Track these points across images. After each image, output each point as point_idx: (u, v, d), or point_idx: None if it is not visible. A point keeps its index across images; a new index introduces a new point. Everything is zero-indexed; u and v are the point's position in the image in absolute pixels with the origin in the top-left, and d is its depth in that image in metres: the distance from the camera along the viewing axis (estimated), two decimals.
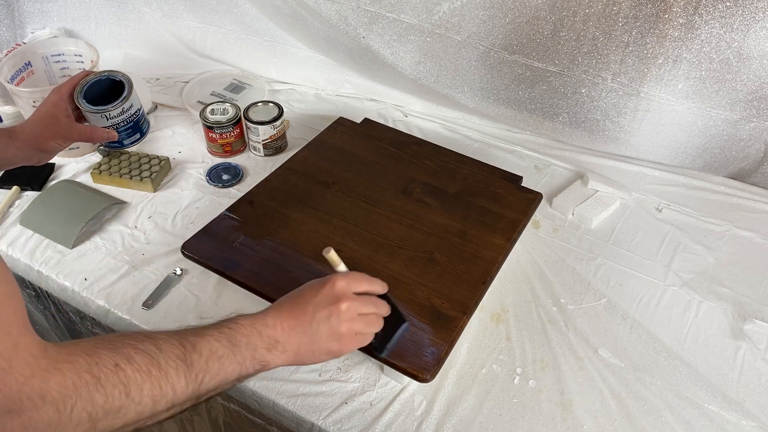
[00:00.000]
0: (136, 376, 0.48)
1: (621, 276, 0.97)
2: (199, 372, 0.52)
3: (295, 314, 0.62)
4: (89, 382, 0.45)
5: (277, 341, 0.60)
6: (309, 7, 1.16)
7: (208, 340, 0.54)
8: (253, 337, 0.58)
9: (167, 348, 0.51)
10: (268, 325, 0.60)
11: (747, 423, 0.78)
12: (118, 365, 0.47)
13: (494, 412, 0.79)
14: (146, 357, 0.49)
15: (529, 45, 1.07)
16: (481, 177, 1.06)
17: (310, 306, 0.63)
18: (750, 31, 0.91)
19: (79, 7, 1.39)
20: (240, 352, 0.56)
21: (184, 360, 0.51)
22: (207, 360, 0.53)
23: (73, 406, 0.44)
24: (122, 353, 0.48)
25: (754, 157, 1.10)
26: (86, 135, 0.84)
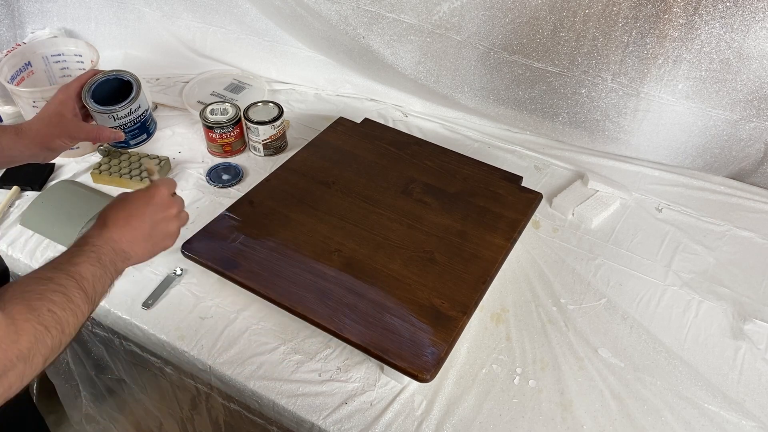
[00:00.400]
0: (63, 314, 0.56)
1: (621, 276, 0.97)
2: (92, 294, 0.61)
3: (133, 225, 0.70)
4: (42, 331, 0.53)
5: (126, 251, 0.68)
6: (309, 7, 1.16)
7: (86, 267, 0.62)
8: (111, 255, 0.66)
9: (67, 283, 0.58)
10: (116, 240, 0.67)
11: (747, 423, 0.78)
12: (50, 310, 0.54)
13: (494, 412, 0.79)
14: (61, 296, 0.57)
15: (529, 45, 1.07)
16: (481, 177, 1.06)
17: (146, 216, 0.71)
18: (750, 31, 0.91)
19: (79, 7, 1.39)
20: (108, 269, 0.65)
21: (81, 289, 0.59)
22: (93, 284, 0.61)
23: (34, 355, 0.52)
24: (48, 299, 0.55)
25: (754, 157, 1.10)
26: (93, 135, 0.84)
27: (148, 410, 1.12)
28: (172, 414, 1.07)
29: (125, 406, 1.20)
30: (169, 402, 1.03)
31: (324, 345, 0.86)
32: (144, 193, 0.73)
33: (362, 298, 0.83)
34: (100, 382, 1.15)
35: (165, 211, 0.73)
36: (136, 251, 0.70)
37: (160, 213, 0.73)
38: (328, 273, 0.87)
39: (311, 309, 0.82)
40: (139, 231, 0.70)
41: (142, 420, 1.18)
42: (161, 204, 0.73)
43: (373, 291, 0.85)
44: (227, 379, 0.83)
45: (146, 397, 1.09)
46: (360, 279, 0.86)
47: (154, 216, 0.72)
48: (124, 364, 1.03)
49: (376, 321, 0.80)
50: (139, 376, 1.04)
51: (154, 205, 0.72)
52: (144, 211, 0.71)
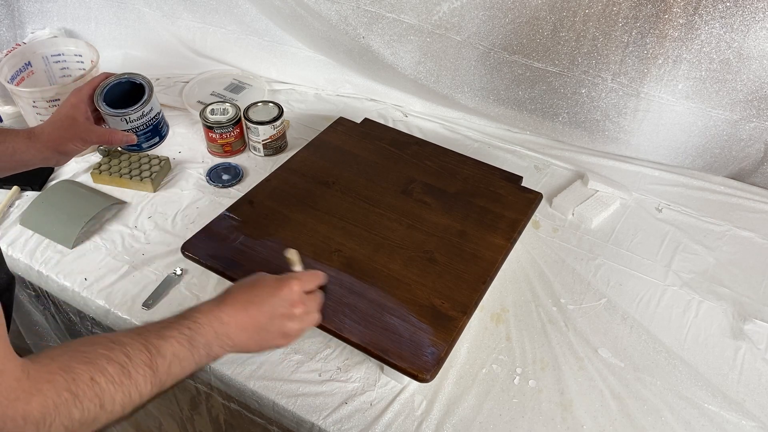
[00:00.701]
0: (110, 388, 0.49)
1: (621, 276, 0.97)
2: (163, 375, 0.55)
3: (250, 313, 0.64)
4: (68, 399, 0.46)
5: (230, 338, 0.63)
6: (309, 7, 1.16)
7: (171, 343, 0.56)
8: (210, 337, 0.61)
9: (135, 355, 0.52)
10: (224, 322, 0.62)
11: (747, 423, 0.78)
12: (93, 379, 0.48)
13: (494, 412, 0.79)
14: (118, 367, 0.50)
15: (529, 45, 1.07)
16: (481, 177, 1.06)
17: (266, 307, 0.65)
18: (750, 31, 0.91)
19: (79, 7, 1.39)
20: (198, 351, 0.59)
21: (150, 366, 0.53)
22: (170, 364, 0.55)
23: (52, 423, 0.45)
24: (96, 365, 0.49)
25: (754, 157, 1.10)
26: (105, 138, 0.83)
27: (147, 410, 1.12)
28: (172, 414, 1.07)
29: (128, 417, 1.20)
30: (169, 402, 1.04)
31: (324, 345, 0.86)
32: (274, 281, 0.68)
33: (362, 298, 0.83)
34: None
35: (289, 307, 0.67)
36: (242, 340, 0.64)
37: (282, 308, 0.66)
38: (328, 273, 0.87)
39: None
40: (252, 321, 0.64)
41: (142, 420, 1.18)
42: (288, 299, 0.67)
43: (373, 291, 0.85)
44: (227, 379, 0.83)
45: None
46: (360, 279, 0.86)
47: (275, 309, 0.66)
48: None
49: (376, 321, 0.80)
50: None
51: (279, 297, 0.66)
52: (266, 301, 0.66)
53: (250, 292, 0.66)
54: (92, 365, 0.49)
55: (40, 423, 0.44)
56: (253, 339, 0.65)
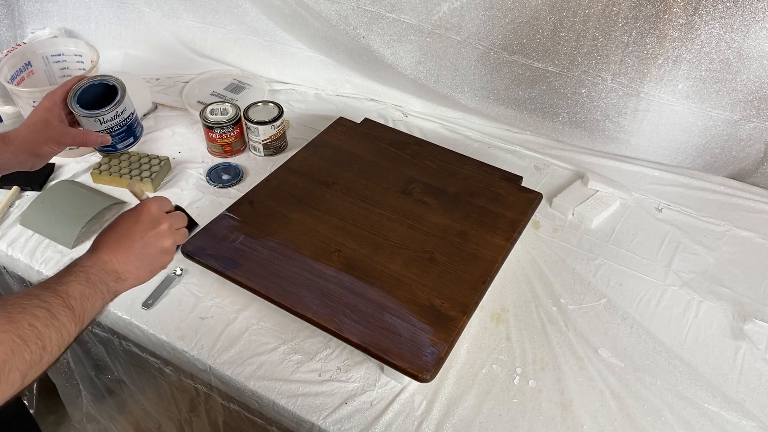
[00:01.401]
0: (46, 330, 0.54)
1: (621, 276, 0.97)
2: (79, 312, 0.60)
3: (125, 245, 0.69)
4: (20, 344, 0.51)
5: (119, 272, 0.67)
6: (309, 7, 1.16)
7: (74, 286, 0.61)
8: (102, 274, 0.65)
9: (52, 300, 0.57)
10: (107, 261, 0.67)
11: (747, 423, 0.78)
12: (31, 324, 0.53)
13: (494, 412, 0.79)
14: (45, 311, 0.55)
15: (529, 45, 1.07)
16: (481, 177, 1.06)
17: (136, 234, 0.70)
18: (750, 31, 0.92)
19: (79, 7, 1.39)
20: (98, 288, 0.64)
21: (67, 306, 0.58)
22: (81, 302, 0.60)
23: (10, 370, 0.50)
24: (29, 312, 0.54)
25: (754, 157, 1.10)
26: (79, 140, 0.85)
27: (147, 411, 1.12)
28: (170, 417, 1.07)
29: (125, 406, 1.20)
30: (168, 404, 1.04)
31: (324, 345, 0.86)
32: (131, 212, 0.73)
33: (362, 298, 0.83)
34: (100, 383, 1.15)
35: (155, 227, 0.72)
36: (131, 271, 0.69)
37: (150, 230, 0.71)
38: (328, 273, 0.87)
39: (311, 309, 0.82)
40: (130, 250, 0.69)
41: (142, 420, 1.18)
42: (150, 221, 0.72)
43: (373, 291, 0.85)
44: (227, 379, 0.83)
45: (145, 399, 1.09)
46: (360, 279, 0.86)
47: (144, 234, 0.71)
48: (124, 364, 1.03)
49: (376, 321, 0.80)
50: (138, 377, 1.04)
51: (142, 222, 0.71)
52: (133, 230, 0.70)
53: (115, 230, 0.70)
54: (26, 313, 0.54)
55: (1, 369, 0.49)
56: (139, 267, 0.70)
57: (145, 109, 1.28)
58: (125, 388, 1.11)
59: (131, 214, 0.72)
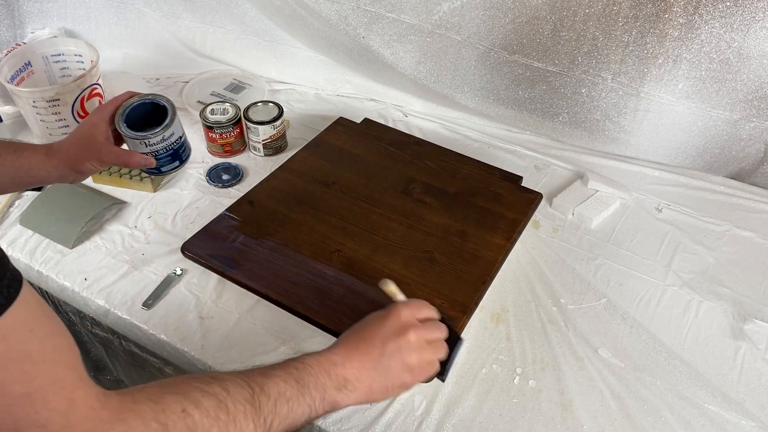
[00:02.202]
0: (204, 422, 0.46)
1: (621, 276, 0.97)
2: (268, 415, 0.51)
3: (362, 350, 0.60)
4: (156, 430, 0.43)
5: (347, 380, 0.59)
6: (309, 7, 1.16)
7: (276, 381, 0.53)
8: (321, 377, 0.57)
9: (235, 390, 0.49)
10: (336, 363, 0.58)
11: (747, 423, 0.78)
12: (185, 410, 0.45)
13: (494, 412, 0.79)
14: (214, 400, 0.47)
15: (529, 45, 1.07)
16: (481, 177, 1.06)
17: (377, 340, 0.61)
18: (750, 31, 0.91)
19: (79, 7, 1.39)
20: (309, 393, 0.55)
21: (252, 403, 0.50)
22: (275, 402, 0.52)
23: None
24: (189, 397, 0.46)
25: (754, 157, 1.10)
26: (123, 160, 0.80)
27: None
28: None
29: None
30: None
31: (324, 345, 0.85)
32: (379, 315, 0.63)
33: (362, 298, 0.83)
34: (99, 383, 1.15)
35: (400, 334, 0.61)
36: (362, 380, 0.59)
37: (393, 338, 0.61)
38: (328, 273, 0.87)
39: (311, 309, 0.82)
40: (366, 355, 0.59)
41: None
42: (396, 325, 0.61)
43: (373, 291, 0.85)
44: None
45: None
46: (360, 279, 0.86)
47: (386, 339, 0.61)
48: (123, 364, 1.03)
49: None
50: (138, 377, 1.04)
51: (386, 327, 0.61)
52: (375, 333, 0.61)
53: (359, 331, 0.62)
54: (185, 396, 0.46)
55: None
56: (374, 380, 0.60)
57: None
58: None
59: (378, 317, 0.63)
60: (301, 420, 0.54)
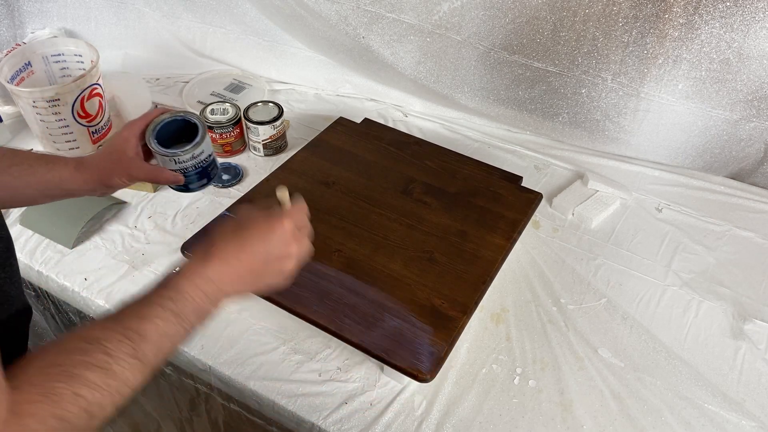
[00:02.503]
0: (95, 396, 0.46)
1: (621, 276, 0.97)
2: (151, 360, 0.51)
3: (243, 262, 0.60)
4: (55, 426, 0.44)
5: (223, 292, 0.58)
6: (309, 7, 1.16)
7: (155, 324, 0.52)
8: (198, 299, 0.56)
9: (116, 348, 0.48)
10: (214, 280, 0.57)
11: (747, 423, 0.78)
12: (76, 393, 0.45)
13: (494, 412, 0.79)
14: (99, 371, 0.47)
15: (529, 45, 1.07)
16: (481, 177, 1.06)
17: (260, 252, 0.61)
18: (750, 31, 0.91)
19: (79, 7, 1.39)
20: (188, 320, 0.55)
21: (135, 356, 0.49)
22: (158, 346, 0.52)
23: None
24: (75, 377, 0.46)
25: (754, 157, 1.10)
26: (152, 176, 0.80)
27: (146, 412, 1.12)
28: (171, 416, 1.07)
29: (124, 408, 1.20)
30: (168, 403, 1.03)
31: (324, 345, 0.86)
32: (266, 223, 0.62)
33: (362, 298, 0.83)
34: None
35: (285, 247, 0.62)
36: (235, 288, 0.60)
37: (278, 249, 0.62)
38: (328, 273, 0.87)
39: (311, 309, 0.82)
40: (247, 267, 0.60)
41: (141, 422, 1.18)
42: (283, 240, 0.62)
43: (373, 291, 0.85)
44: (227, 379, 0.83)
45: (144, 399, 1.09)
46: (360, 279, 0.86)
47: (269, 253, 0.61)
48: None
49: (376, 321, 0.80)
50: None
51: (273, 241, 0.61)
52: (258, 246, 0.61)
53: (239, 238, 0.61)
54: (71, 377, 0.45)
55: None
56: (248, 285, 0.61)
57: (145, 109, 1.28)
58: None
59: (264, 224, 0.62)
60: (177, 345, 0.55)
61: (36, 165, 0.73)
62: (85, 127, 1.14)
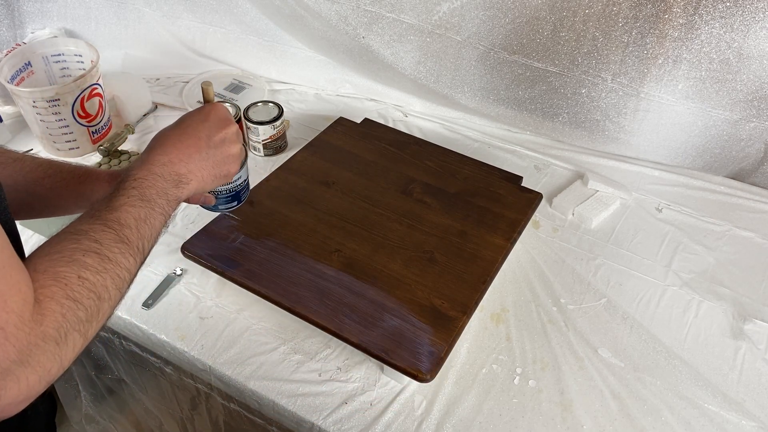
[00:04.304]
0: (98, 278, 0.49)
1: (621, 276, 0.97)
2: (136, 242, 0.54)
3: (187, 143, 0.62)
4: (70, 306, 0.46)
5: (180, 174, 0.61)
6: (309, 7, 1.16)
7: (126, 210, 0.55)
8: (158, 182, 0.58)
9: (103, 237, 0.51)
10: (164, 163, 0.60)
11: (747, 423, 0.78)
12: (80, 277, 0.48)
13: (494, 412, 0.79)
14: (94, 256, 0.50)
15: (529, 45, 1.07)
16: (481, 177, 1.06)
17: (201, 133, 0.63)
18: (750, 31, 0.92)
19: (79, 7, 1.39)
20: (156, 203, 0.58)
21: (121, 240, 0.52)
22: (137, 228, 0.54)
23: (66, 332, 0.46)
24: (77, 261, 0.49)
25: (754, 157, 1.10)
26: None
27: (148, 410, 1.12)
28: (172, 414, 1.07)
29: (125, 406, 1.20)
30: (169, 402, 1.03)
31: (324, 345, 0.86)
32: (197, 111, 0.65)
33: (362, 298, 0.83)
34: (100, 382, 1.15)
35: (223, 128, 0.64)
36: (193, 172, 0.61)
37: (217, 130, 0.64)
38: (328, 273, 0.87)
39: (311, 309, 0.82)
40: (193, 149, 0.62)
41: (142, 420, 1.18)
42: (218, 120, 0.64)
43: (373, 291, 0.85)
44: (227, 379, 0.83)
45: (146, 397, 1.09)
46: (360, 279, 0.86)
47: (211, 134, 0.63)
48: (124, 364, 1.03)
49: (376, 321, 0.80)
50: (138, 376, 1.04)
51: (209, 122, 0.64)
52: (198, 128, 0.63)
53: (177, 128, 0.64)
54: (73, 263, 0.48)
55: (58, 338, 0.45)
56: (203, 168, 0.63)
57: (145, 109, 1.28)
58: (126, 388, 1.11)
59: (197, 112, 0.65)
60: (160, 228, 0.58)
61: (69, 177, 0.73)
62: (85, 127, 1.14)
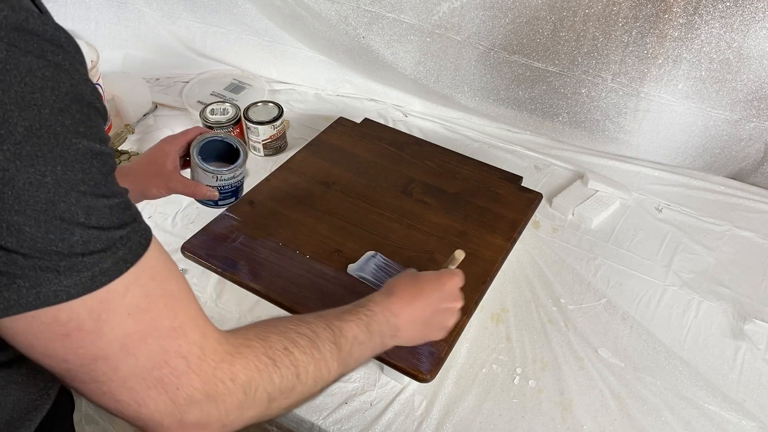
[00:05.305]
0: (303, 358, 0.50)
1: (621, 276, 0.97)
2: (345, 355, 0.56)
3: (418, 306, 0.66)
4: (268, 364, 0.47)
5: (399, 328, 0.64)
6: (309, 7, 1.16)
7: (351, 326, 0.58)
8: (383, 325, 0.62)
9: (321, 332, 0.54)
10: (395, 314, 0.64)
11: (747, 423, 0.78)
12: (287, 348, 0.49)
13: (494, 412, 0.79)
14: (307, 340, 0.52)
15: (529, 45, 1.07)
16: (481, 177, 1.06)
17: (432, 301, 0.68)
18: (750, 31, 0.92)
19: (79, 7, 1.39)
20: (374, 339, 0.61)
21: (335, 343, 0.55)
22: (352, 345, 0.57)
23: (257, 388, 0.46)
24: (288, 337, 0.50)
25: (754, 157, 1.10)
26: (190, 190, 0.84)
27: None
28: None
29: None
30: None
31: None
32: (437, 277, 0.70)
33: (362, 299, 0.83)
34: None
35: (451, 302, 0.70)
36: (408, 332, 0.66)
37: (445, 303, 0.69)
38: (328, 273, 0.87)
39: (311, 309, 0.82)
40: (419, 313, 0.66)
41: None
42: (451, 294, 0.70)
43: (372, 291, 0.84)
44: None
45: None
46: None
47: (439, 304, 0.68)
48: None
49: None
50: None
51: (443, 292, 0.69)
52: (432, 296, 0.68)
53: (415, 285, 0.68)
54: (284, 336, 0.50)
55: (246, 386, 0.45)
56: (416, 332, 0.67)
57: (145, 109, 1.28)
58: None
59: (437, 278, 0.70)
60: (365, 361, 0.61)
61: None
62: None
